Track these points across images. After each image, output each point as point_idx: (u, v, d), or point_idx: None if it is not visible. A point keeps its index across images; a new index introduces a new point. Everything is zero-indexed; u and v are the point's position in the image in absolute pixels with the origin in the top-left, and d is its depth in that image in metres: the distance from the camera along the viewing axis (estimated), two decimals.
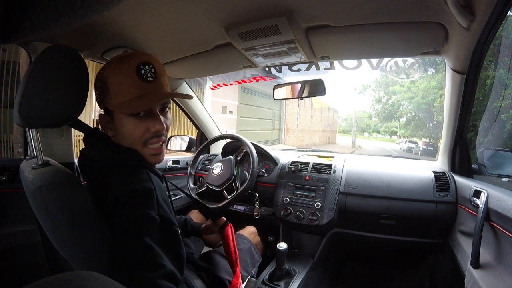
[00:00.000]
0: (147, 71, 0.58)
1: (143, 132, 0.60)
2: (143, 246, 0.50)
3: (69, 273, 0.24)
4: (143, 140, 0.61)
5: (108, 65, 0.59)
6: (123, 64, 0.58)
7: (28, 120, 0.54)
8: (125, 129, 0.60)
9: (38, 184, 0.49)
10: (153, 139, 0.61)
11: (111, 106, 0.59)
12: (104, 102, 0.60)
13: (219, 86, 4.59)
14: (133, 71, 0.57)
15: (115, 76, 0.58)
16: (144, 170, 0.60)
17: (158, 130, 0.61)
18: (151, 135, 0.61)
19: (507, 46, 3.16)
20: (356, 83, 24.16)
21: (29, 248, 0.92)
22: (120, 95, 0.58)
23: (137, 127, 0.59)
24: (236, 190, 1.16)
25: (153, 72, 0.59)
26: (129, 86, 0.57)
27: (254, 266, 1.01)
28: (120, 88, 0.57)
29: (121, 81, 0.57)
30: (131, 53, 0.60)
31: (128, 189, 0.54)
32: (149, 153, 0.62)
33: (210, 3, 0.66)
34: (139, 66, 0.57)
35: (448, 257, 0.99)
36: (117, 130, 0.61)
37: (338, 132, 17.35)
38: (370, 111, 16.28)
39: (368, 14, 0.70)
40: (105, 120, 0.63)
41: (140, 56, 0.59)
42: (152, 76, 0.59)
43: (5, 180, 0.91)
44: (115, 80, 0.58)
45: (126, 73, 0.57)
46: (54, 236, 0.54)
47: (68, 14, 0.19)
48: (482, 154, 0.97)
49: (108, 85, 0.58)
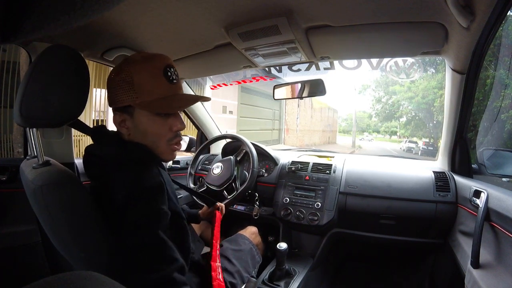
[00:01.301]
0: (172, 73, 0.62)
1: (167, 130, 0.63)
2: (159, 241, 0.53)
3: (69, 273, 0.24)
4: (167, 138, 0.63)
5: (132, 63, 0.60)
6: (149, 64, 0.60)
7: (28, 120, 0.54)
8: (150, 128, 0.61)
9: (38, 184, 0.49)
10: (176, 138, 0.65)
11: (136, 104, 0.59)
12: (126, 100, 0.60)
13: (219, 86, 4.59)
14: (160, 73, 0.60)
15: (142, 75, 0.59)
16: (155, 165, 0.62)
17: (180, 129, 0.64)
18: (174, 134, 0.64)
19: (507, 46, 3.16)
20: (356, 83, 24.24)
21: (29, 248, 0.92)
22: (148, 94, 0.59)
23: (162, 126, 0.62)
24: (236, 190, 1.15)
25: (176, 75, 0.64)
26: (158, 87, 0.60)
27: (255, 266, 1.01)
28: (148, 87, 0.59)
29: (149, 81, 0.59)
30: (154, 55, 0.62)
31: (140, 185, 0.55)
32: (170, 150, 0.65)
33: (210, 3, 0.66)
34: (166, 68, 0.61)
35: (448, 257, 0.99)
36: (137, 129, 0.62)
37: (338, 132, 17.36)
38: (370, 111, 16.32)
39: (368, 14, 0.70)
40: (120, 119, 0.62)
41: (165, 59, 0.62)
42: (176, 79, 0.63)
43: (5, 180, 0.91)
44: (142, 80, 0.59)
45: (154, 73, 0.60)
46: (54, 235, 0.54)
47: (68, 14, 0.19)
48: (482, 154, 0.97)
49: (133, 83, 0.59)
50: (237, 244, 1.01)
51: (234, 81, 3.81)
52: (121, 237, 0.53)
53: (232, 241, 1.02)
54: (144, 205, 0.54)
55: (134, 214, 0.53)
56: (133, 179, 0.56)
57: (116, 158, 0.60)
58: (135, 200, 0.53)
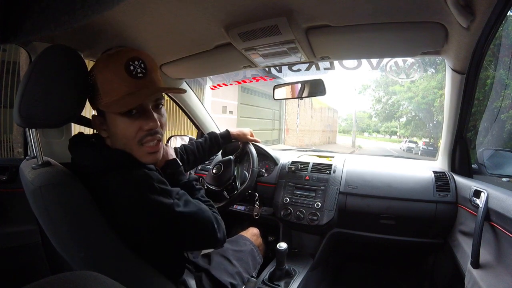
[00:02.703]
0: (136, 67, 0.55)
1: (136, 131, 0.57)
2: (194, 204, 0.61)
3: (69, 273, 0.24)
4: (137, 140, 0.58)
5: (96, 64, 0.57)
6: (111, 61, 0.55)
7: (28, 120, 0.54)
8: (118, 130, 0.57)
9: (38, 185, 0.49)
10: (147, 137, 0.59)
11: (101, 106, 0.57)
12: (94, 102, 0.58)
13: (219, 86, 4.59)
14: (121, 68, 0.54)
15: (103, 74, 0.56)
16: (140, 168, 0.58)
17: (152, 128, 0.58)
18: (145, 133, 0.58)
19: (507, 46, 3.15)
20: (356, 83, 24.24)
21: (29, 248, 0.92)
22: (110, 94, 0.55)
23: (129, 127, 0.57)
24: (236, 190, 1.15)
25: (143, 68, 0.56)
26: (118, 84, 0.55)
27: (256, 267, 1.00)
28: (109, 86, 0.55)
29: (110, 79, 0.55)
30: (119, 50, 0.57)
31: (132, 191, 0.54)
32: (145, 152, 0.60)
33: (210, 3, 0.66)
34: (127, 62, 0.55)
35: (448, 257, 0.99)
36: (110, 131, 0.59)
37: (338, 132, 17.36)
38: (370, 111, 16.33)
39: (368, 14, 0.70)
40: (99, 121, 0.60)
41: (129, 52, 0.56)
42: (142, 72, 0.56)
43: (5, 180, 0.92)
44: (103, 79, 0.56)
45: (114, 70, 0.55)
46: (53, 236, 0.54)
47: (68, 14, 0.19)
48: (482, 154, 0.97)
49: (97, 84, 0.56)
50: (238, 244, 1.00)
51: (234, 81, 3.81)
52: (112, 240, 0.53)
53: (233, 242, 1.02)
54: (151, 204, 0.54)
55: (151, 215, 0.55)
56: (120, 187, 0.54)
57: (95, 167, 0.57)
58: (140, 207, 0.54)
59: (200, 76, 1.44)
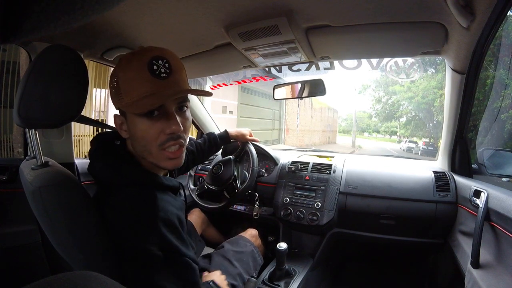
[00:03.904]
0: (160, 66, 0.52)
1: (158, 134, 0.54)
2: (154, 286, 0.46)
3: (69, 273, 0.24)
4: (158, 143, 0.55)
5: (119, 62, 0.55)
6: (134, 60, 0.53)
7: (27, 121, 0.54)
8: (138, 131, 0.54)
9: (37, 185, 0.49)
10: (169, 142, 0.55)
11: (122, 106, 0.55)
12: (116, 102, 0.56)
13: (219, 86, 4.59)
14: (144, 67, 0.52)
15: (125, 73, 0.53)
16: (153, 190, 0.54)
17: (174, 132, 0.54)
18: (166, 137, 0.54)
19: (507, 46, 3.16)
20: (356, 83, 24.26)
21: (29, 248, 0.92)
22: (131, 93, 0.53)
23: (150, 129, 0.54)
24: (236, 190, 1.15)
25: (167, 67, 0.53)
26: (140, 84, 0.52)
27: (256, 268, 1.00)
28: (131, 86, 0.53)
29: (132, 79, 0.53)
30: (143, 48, 0.55)
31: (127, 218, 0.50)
32: (165, 157, 0.56)
33: (210, 3, 0.66)
34: (151, 61, 0.52)
35: (448, 257, 0.99)
36: (130, 132, 0.57)
37: (338, 132, 17.37)
38: (370, 111, 16.34)
39: (368, 14, 0.70)
40: (120, 121, 0.58)
41: (153, 51, 0.53)
42: (166, 72, 0.53)
43: (5, 180, 0.91)
44: (125, 78, 0.53)
45: (137, 69, 0.52)
46: (53, 237, 0.54)
47: (68, 14, 0.19)
48: (482, 154, 0.97)
49: (119, 84, 0.54)
50: (239, 245, 1.00)
51: (234, 81, 3.81)
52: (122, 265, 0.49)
53: (234, 243, 1.02)
54: (131, 244, 0.49)
55: (124, 250, 0.49)
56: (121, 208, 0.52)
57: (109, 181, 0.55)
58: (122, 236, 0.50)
59: (200, 76, 1.43)
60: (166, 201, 0.55)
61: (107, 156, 0.57)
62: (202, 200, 1.23)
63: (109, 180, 0.55)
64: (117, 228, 0.51)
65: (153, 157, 0.56)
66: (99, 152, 0.58)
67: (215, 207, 1.16)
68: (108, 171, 0.55)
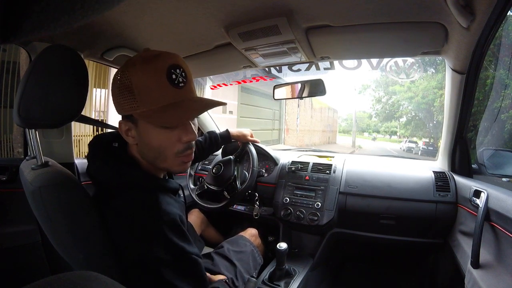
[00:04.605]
0: (178, 76, 0.51)
1: (175, 142, 0.54)
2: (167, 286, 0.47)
3: (69, 273, 0.24)
4: (175, 151, 0.55)
5: (131, 66, 0.51)
6: (150, 66, 0.50)
7: (27, 121, 0.54)
8: (154, 140, 0.53)
9: (37, 185, 0.49)
10: (187, 150, 0.56)
11: (137, 114, 0.52)
12: (127, 108, 0.52)
13: (219, 86, 4.58)
14: (163, 75, 0.50)
15: (141, 80, 0.50)
16: (154, 193, 0.54)
17: (190, 140, 0.55)
18: (184, 146, 0.55)
19: (507, 46, 3.16)
20: (356, 83, 24.27)
21: (29, 248, 0.92)
22: (149, 102, 0.51)
23: (168, 138, 0.53)
24: (236, 190, 1.15)
25: (184, 77, 0.52)
26: (160, 93, 0.50)
27: (256, 268, 1.00)
28: (149, 94, 0.50)
29: (149, 87, 0.50)
30: (158, 54, 0.52)
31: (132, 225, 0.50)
32: (179, 162, 0.57)
33: (210, 3, 0.66)
34: (169, 69, 0.51)
35: (448, 257, 0.99)
36: (142, 140, 0.55)
37: (338, 132, 17.37)
38: (370, 111, 16.34)
39: (368, 14, 0.70)
40: (126, 127, 0.55)
41: (169, 58, 0.52)
42: (183, 81, 0.52)
43: (5, 180, 0.92)
44: (141, 85, 0.50)
45: (155, 77, 0.50)
46: (53, 237, 0.54)
47: (68, 14, 0.19)
48: (482, 154, 0.97)
49: (132, 90, 0.51)
50: (239, 245, 1.00)
51: (234, 81, 3.80)
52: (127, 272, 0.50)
53: (233, 243, 1.02)
54: (137, 247, 0.49)
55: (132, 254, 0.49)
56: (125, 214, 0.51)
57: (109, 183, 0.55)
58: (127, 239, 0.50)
59: (200, 76, 1.43)
60: (168, 203, 0.54)
61: (106, 158, 0.57)
62: (202, 200, 1.23)
63: (110, 182, 0.55)
64: (122, 233, 0.51)
65: (167, 163, 0.56)
66: (99, 154, 0.57)
67: (215, 207, 1.16)
68: (109, 172, 0.55)
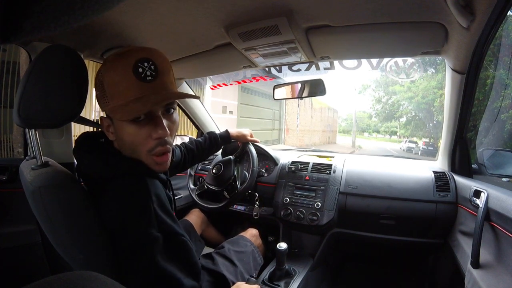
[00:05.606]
0: (145, 69, 0.51)
1: (145, 139, 0.54)
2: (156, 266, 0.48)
3: (69, 273, 0.24)
4: (147, 149, 0.55)
5: (104, 63, 0.54)
6: (119, 61, 0.51)
7: (27, 121, 0.54)
8: (126, 136, 0.54)
9: (37, 185, 0.49)
10: (158, 147, 0.55)
11: (107, 110, 0.53)
12: (101, 105, 0.55)
13: (219, 86, 4.59)
14: (129, 70, 0.50)
15: (111, 76, 0.52)
16: (142, 177, 0.54)
17: (161, 136, 0.54)
18: (155, 143, 0.54)
19: (507, 46, 3.15)
20: (356, 83, 24.27)
21: (29, 248, 0.92)
22: (116, 97, 0.52)
23: (137, 134, 0.53)
24: (236, 190, 1.15)
25: (153, 70, 0.52)
26: (125, 88, 0.51)
27: (256, 268, 1.00)
28: (115, 89, 0.51)
29: (117, 82, 0.51)
30: (129, 49, 0.52)
31: (123, 207, 0.51)
32: (154, 162, 0.57)
33: (210, 3, 0.66)
34: (136, 63, 0.50)
35: (448, 257, 0.99)
36: (117, 136, 0.56)
37: (338, 132, 17.37)
38: (370, 111, 16.34)
39: (368, 14, 0.70)
40: (106, 124, 0.57)
41: (139, 52, 0.51)
42: (151, 75, 0.51)
43: (5, 180, 0.91)
44: (110, 81, 0.52)
45: (122, 72, 0.50)
46: (53, 237, 0.54)
47: (68, 14, 0.19)
48: (482, 154, 0.97)
49: (104, 86, 0.52)
50: (239, 245, 1.00)
51: (234, 81, 3.81)
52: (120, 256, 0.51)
53: (234, 243, 1.02)
54: (131, 230, 0.50)
55: (124, 239, 0.50)
56: (116, 199, 0.52)
57: (99, 174, 0.55)
58: (121, 224, 0.51)
59: (200, 76, 1.44)
60: (156, 186, 0.56)
61: (93, 151, 0.57)
62: (202, 200, 1.23)
63: (99, 174, 0.55)
64: (114, 217, 0.51)
65: (144, 161, 0.57)
66: (85, 148, 0.58)
67: (215, 207, 1.16)
68: (97, 164, 0.55)
